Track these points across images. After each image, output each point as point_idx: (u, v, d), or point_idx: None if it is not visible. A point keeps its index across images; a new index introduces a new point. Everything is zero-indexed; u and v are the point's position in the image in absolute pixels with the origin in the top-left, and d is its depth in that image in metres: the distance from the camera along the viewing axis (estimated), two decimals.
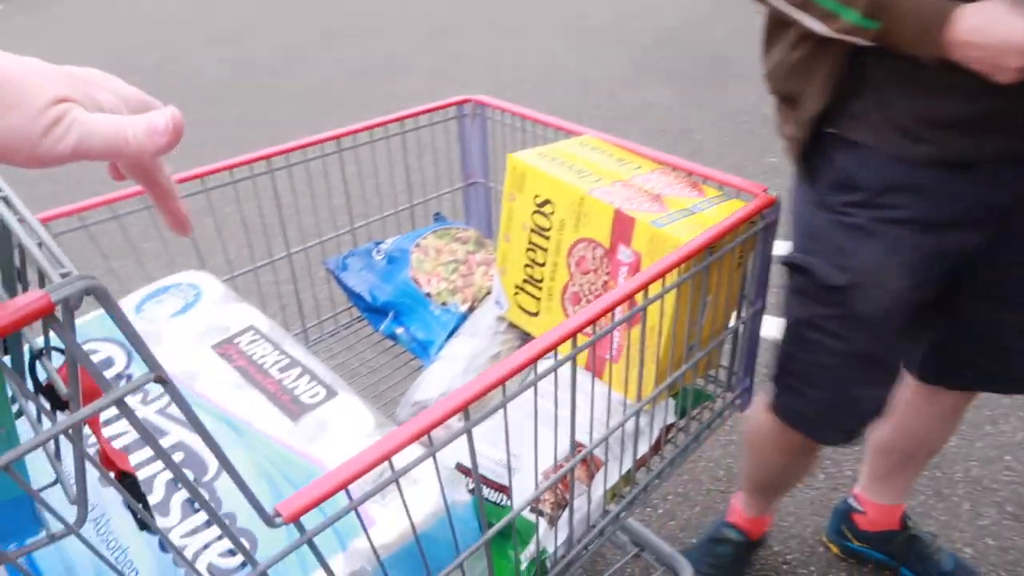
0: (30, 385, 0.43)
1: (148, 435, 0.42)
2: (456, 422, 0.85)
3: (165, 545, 0.66)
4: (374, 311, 1.19)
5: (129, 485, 0.49)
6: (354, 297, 1.20)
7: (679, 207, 0.89)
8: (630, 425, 0.90)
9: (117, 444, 0.76)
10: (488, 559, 0.73)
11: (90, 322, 0.91)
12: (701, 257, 0.83)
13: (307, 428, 0.77)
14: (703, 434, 1.01)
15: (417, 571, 0.68)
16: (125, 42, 5.61)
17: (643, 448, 0.92)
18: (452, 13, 5.82)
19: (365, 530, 0.58)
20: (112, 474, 0.49)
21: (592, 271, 0.93)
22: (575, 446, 0.88)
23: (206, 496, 0.71)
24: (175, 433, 0.77)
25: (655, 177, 0.96)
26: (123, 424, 0.78)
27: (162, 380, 0.41)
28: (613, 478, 0.88)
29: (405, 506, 0.60)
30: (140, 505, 0.48)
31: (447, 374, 1.03)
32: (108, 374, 0.84)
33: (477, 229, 1.32)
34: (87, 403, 0.41)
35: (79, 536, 0.42)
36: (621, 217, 0.87)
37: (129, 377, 0.85)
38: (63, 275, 0.38)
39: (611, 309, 0.70)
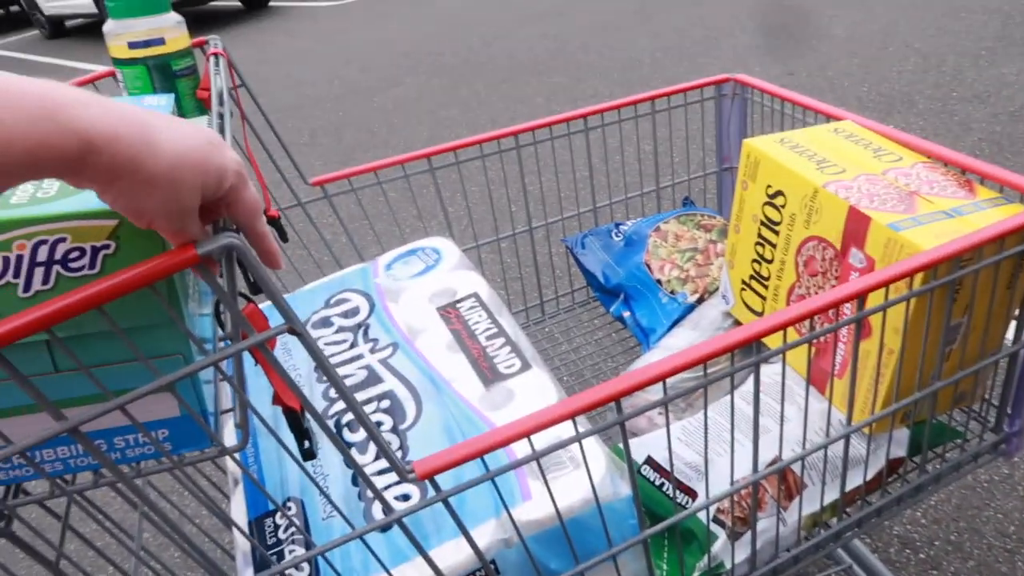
0: (215, 323, 0.51)
1: (324, 364, 0.48)
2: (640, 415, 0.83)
3: (356, 479, 0.75)
4: (606, 292, 1.19)
5: (292, 419, 0.56)
6: (589, 276, 1.22)
7: (935, 208, 0.76)
8: (839, 450, 0.81)
9: (348, 382, 0.86)
10: (647, 559, 0.70)
11: (349, 275, 1.04)
12: (948, 269, 0.70)
13: (496, 395, 0.81)
14: (947, 476, 0.86)
15: (568, 555, 0.69)
16: (458, 18, 6.17)
17: (857, 479, 0.81)
18: None
19: (504, 502, 0.60)
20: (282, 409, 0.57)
21: (820, 273, 0.83)
22: (773, 461, 0.81)
23: (398, 443, 0.78)
24: (388, 382, 0.85)
25: (917, 171, 0.83)
26: (353, 367, 0.89)
27: (295, 332, 0.47)
28: (813, 505, 0.79)
29: (547, 486, 0.61)
30: (301, 437, 0.56)
31: None
32: (352, 321, 0.96)
33: (728, 219, 1.25)
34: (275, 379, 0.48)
35: (233, 457, 0.50)
36: (855, 216, 0.77)
37: (368, 326, 0.95)
38: (215, 229, 0.45)
39: (828, 308, 0.63)
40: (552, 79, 4.34)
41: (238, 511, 0.73)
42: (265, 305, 0.93)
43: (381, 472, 0.75)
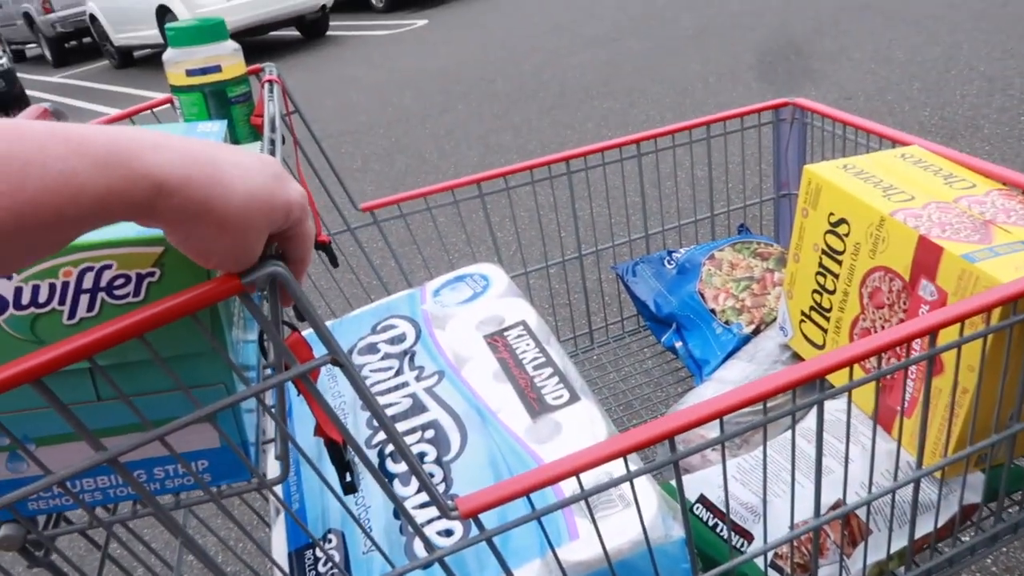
0: (259, 351, 0.50)
1: (367, 395, 0.46)
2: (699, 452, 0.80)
3: (398, 512, 0.73)
4: (657, 321, 1.16)
5: (334, 452, 0.54)
6: (639, 305, 1.19)
7: (1013, 238, 0.72)
8: (909, 495, 0.76)
9: (388, 412, 0.85)
10: None
11: (396, 301, 1.04)
12: None
13: (543, 427, 0.79)
14: None
15: None
16: (510, 45, 6.22)
17: (927, 525, 0.76)
18: (838, 5, 5.38)
19: (550, 543, 0.57)
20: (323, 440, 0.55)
21: (887, 306, 0.79)
22: (835, 505, 0.77)
23: (441, 475, 0.76)
24: (433, 411, 0.84)
25: (992, 199, 0.79)
26: (398, 395, 0.88)
27: (337, 363, 0.46)
28: (879, 553, 0.75)
29: (595, 525, 0.58)
30: (342, 471, 0.54)
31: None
32: (398, 348, 0.95)
33: (786, 247, 1.21)
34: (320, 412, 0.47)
35: (270, 490, 0.48)
36: (926, 245, 0.73)
37: (414, 353, 0.94)
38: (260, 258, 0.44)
39: (900, 343, 0.59)
40: (604, 104, 4.34)
41: (279, 541, 0.71)
42: (309, 333, 0.93)
43: (424, 505, 0.73)
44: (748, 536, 0.78)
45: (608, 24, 6.35)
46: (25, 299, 0.43)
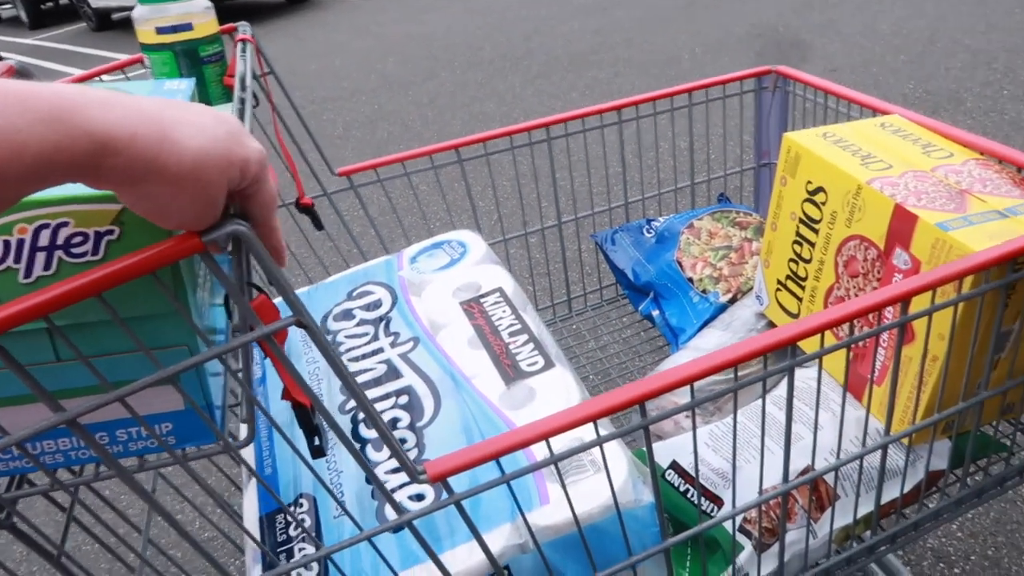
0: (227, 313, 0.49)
1: (334, 359, 0.46)
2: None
3: (370, 479, 0.73)
4: (635, 290, 1.16)
5: (302, 415, 0.54)
6: (618, 273, 1.19)
7: (987, 208, 0.72)
8: (876, 461, 0.77)
9: (362, 379, 0.85)
10: (669, 569, 0.68)
11: (373, 267, 1.03)
12: (1001, 272, 0.66)
13: (517, 393, 0.79)
14: (990, 491, 0.82)
15: (586, 564, 0.66)
16: (498, 13, 6.14)
17: (893, 491, 0.77)
18: None
19: (519, 506, 0.57)
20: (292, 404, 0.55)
21: (861, 275, 0.79)
22: (806, 469, 0.78)
23: (414, 440, 0.76)
24: (408, 378, 0.84)
25: (969, 169, 0.79)
26: (373, 361, 0.87)
27: (302, 324, 0.45)
28: (846, 517, 0.76)
29: (565, 490, 0.58)
30: (310, 435, 0.54)
31: None
32: (373, 314, 0.94)
33: (765, 216, 1.21)
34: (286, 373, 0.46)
35: (235, 454, 0.48)
36: (901, 214, 0.73)
37: (390, 319, 0.94)
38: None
39: (870, 311, 0.59)
40: (590, 73, 4.30)
41: (250, 505, 0.71)
42: (280, 301, 0.92)
43: (396, 470, 0.73)
44: (719, 501, 0.79)
45: None
46: None
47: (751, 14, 4.86)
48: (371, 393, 0.83)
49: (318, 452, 0.56)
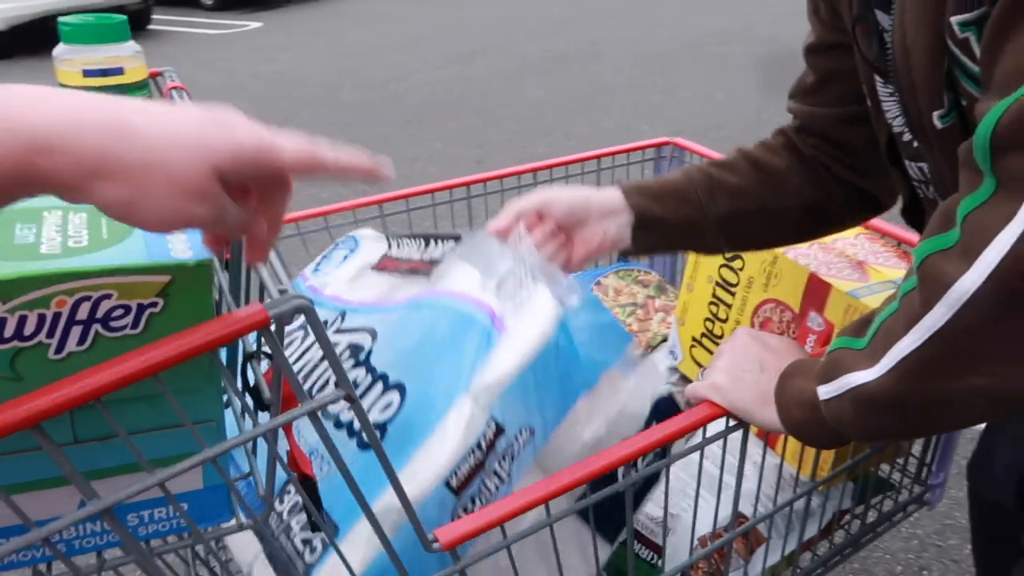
0: (240, 383, 0.48)
1: (331, 446, 0.45)
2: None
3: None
4: None
5: (309, 488, 0.53)
6: None
7: (883, 278, 0.83)
8: (799, 504, 0.85)
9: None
10: None
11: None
12: None
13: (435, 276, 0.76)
14: (882, 526, 0.92)
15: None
16: (367, 58, 6.12)
17: (811, 531, 0.85)
18: (670, 47, 5.81)
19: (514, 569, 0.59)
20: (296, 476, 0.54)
21: (777, 334, 0.88)
22: (736, 517, 0.84)
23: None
24: (342, 340, 0.78)
25: (860, 242, 0.90)
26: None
27: (350, 399, 0.45)
28: (774, 557, 0.83)
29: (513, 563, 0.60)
30: (316, 508, 0.53)
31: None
32: (354, 361, 0.88)
33: (660, 275, 1.30)
34: (286, 409, 0.45)
35: (262, 530, 0.46)
36: (816, 282, 0.82)
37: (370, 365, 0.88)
38: (280, 291, 0.43)
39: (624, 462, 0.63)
40: (455, 122, 4.39)
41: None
42: None
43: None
44: (657, 549, 0.84)
45: (463, 43, 6.43)
46: (9, 331, 0.38)
47: (604, 74, 5.18)
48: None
49: (315, 527, 0.54)
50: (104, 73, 0.80)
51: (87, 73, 0.79)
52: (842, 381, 0.52)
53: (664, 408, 0.72)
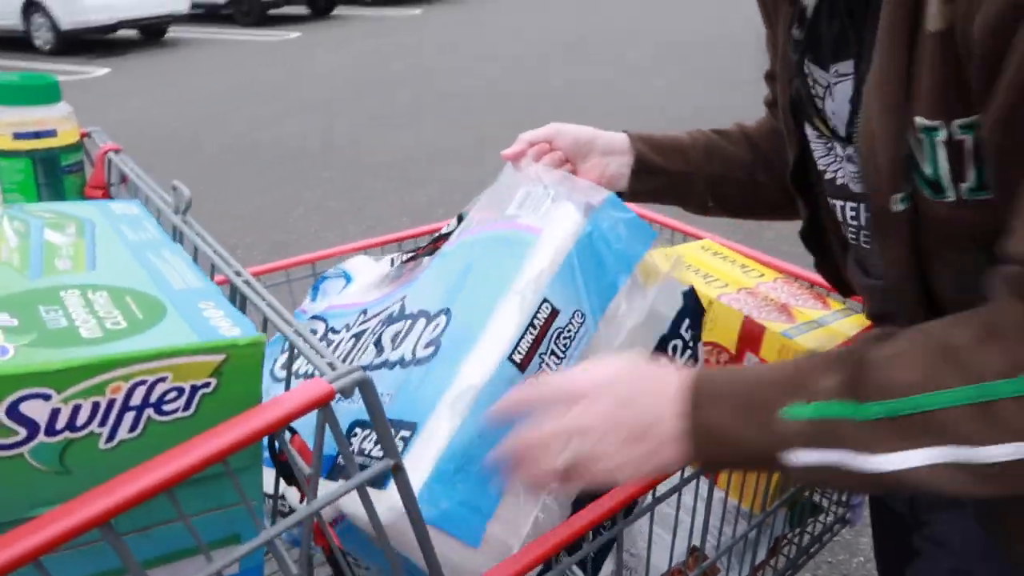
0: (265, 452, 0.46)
1: (378, 523, 0.45)
2: None
3: None
4: None
5: (334, 561, 0.51)
6: None
7: (806, 319, 0.91)
8: (757, 534, 0.90)
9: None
10: None
11: (276, 339, 0.93)
12: None
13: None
14: (813, 548, 1.00)
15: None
16: (222, 106, 5.92)
17: (760, 556, 0.91)
18: (543, 92, 6.01)
19: None
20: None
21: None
22: (691, 551, 0.89)
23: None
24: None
25: (779, 286, 0.99)
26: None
27: (399, 468, 0.45)
28: None
29: None
30: None
31: None
32: (386, 323, 0.79)
33: None
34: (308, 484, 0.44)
35: None
36: (751, 324, 0.89)
37: (331, 330, 0.84)
38: (330, 364, 0.42)
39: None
40: (322, 173, 4.33)
41: None
42: None
43: None
44: None
45: (324, 90, 6.36)
46: (61, 423, 0.36)
47: (477, 127, 5.28)
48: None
49: None
50: (36, 136, 0.75)
51: (18, 136, 0.74)
52: (839, 455, 0.48)
53: (691, 300, 0.75)
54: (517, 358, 0.62)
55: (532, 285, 0.64)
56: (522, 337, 0.63)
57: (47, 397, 0.35)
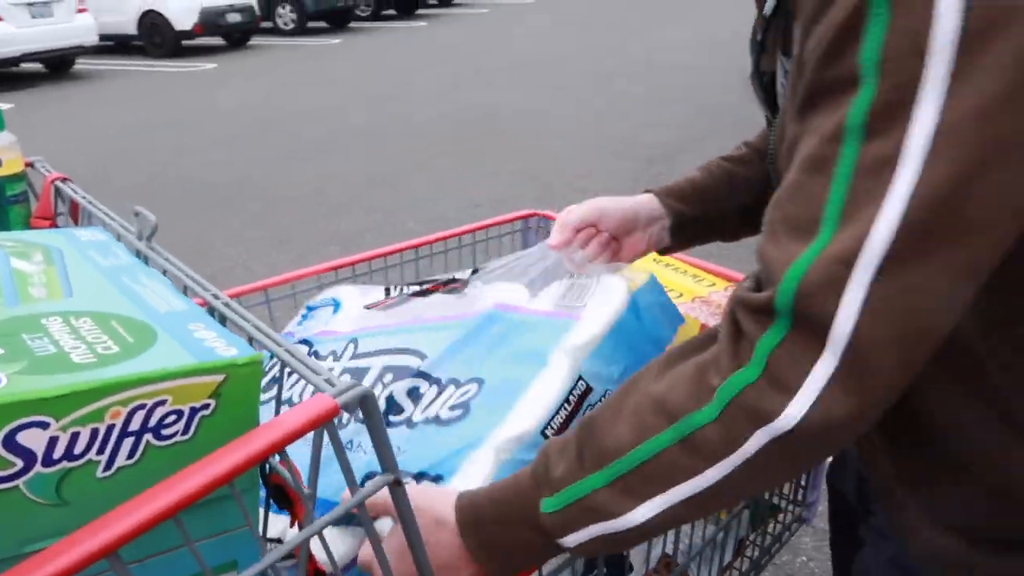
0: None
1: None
2: None
3: None
4: None
5: None
6: None
7: None
8: (724, 537, 0.92)
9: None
10: None
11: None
12: None
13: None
14: (773, 548, 1.02)
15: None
16: (130, 140, 5.73)
17: (727, 558, 0.93)
18: (486, 115, 6.04)
19: None
20: None
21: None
22: (662, 558, 0.90)
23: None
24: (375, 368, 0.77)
25: (728, 293, 1.02)
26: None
27: (399, 483, 0.44)
28: None
29: None
30: None
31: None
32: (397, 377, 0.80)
33: None
34: (300, 506, 0.43)
35: None
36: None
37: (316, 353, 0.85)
38: (328, 381, 0.42)
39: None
40: (247, 206, 4.24)
41: None
42: None
43: None
44: None
45: (236, 124, 6.23)
46: (58, 452, 0.34)
47: (391, 161, 5.26)
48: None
49: None
50: None
51: None
52: (600, 527, 0.52)
53: None
54: (549, 432, 0.65)
55: (576, 352, 0.68)
56: (557, 412, 0.65)
57: (45, 425, 0.34)
